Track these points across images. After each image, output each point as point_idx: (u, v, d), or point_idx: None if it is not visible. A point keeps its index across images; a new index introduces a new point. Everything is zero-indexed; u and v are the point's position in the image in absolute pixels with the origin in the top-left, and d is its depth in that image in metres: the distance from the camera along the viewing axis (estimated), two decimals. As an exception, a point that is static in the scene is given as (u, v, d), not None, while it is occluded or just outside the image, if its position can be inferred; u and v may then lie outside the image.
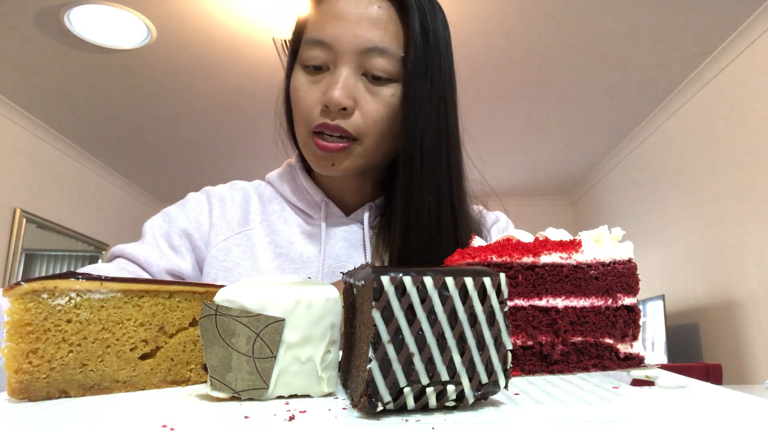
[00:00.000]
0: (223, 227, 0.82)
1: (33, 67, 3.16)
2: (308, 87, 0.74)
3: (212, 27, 2.80)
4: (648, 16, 2.68)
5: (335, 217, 0.82)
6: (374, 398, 0.31)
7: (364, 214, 0.82)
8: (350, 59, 0.71)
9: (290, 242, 0.81)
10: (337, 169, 0.75)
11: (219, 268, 0.79)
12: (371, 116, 0.72)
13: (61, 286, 0.39)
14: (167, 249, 0.79)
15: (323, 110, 0.72)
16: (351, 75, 0.72)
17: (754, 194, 2.83)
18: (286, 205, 0.85)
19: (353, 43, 0.71)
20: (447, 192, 0.74)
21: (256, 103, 3.65)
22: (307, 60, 0.74)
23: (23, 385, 0.38)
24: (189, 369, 0.45)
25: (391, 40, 0.72)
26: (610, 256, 0.48)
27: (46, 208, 4.11)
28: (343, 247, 0.81)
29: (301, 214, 0.84)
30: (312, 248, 0.80)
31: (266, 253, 0.80)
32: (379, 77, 0.72)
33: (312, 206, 0.83)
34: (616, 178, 4.60)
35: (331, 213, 0.82)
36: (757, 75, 2.78)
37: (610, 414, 0.31)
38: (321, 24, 0.73)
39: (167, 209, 0.85)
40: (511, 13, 2.67)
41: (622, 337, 0.48)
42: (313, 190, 0.83)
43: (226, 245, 0.81)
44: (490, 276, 0.34)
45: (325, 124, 0.72)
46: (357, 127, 0.72)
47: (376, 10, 0.72)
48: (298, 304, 0.38)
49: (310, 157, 0.77)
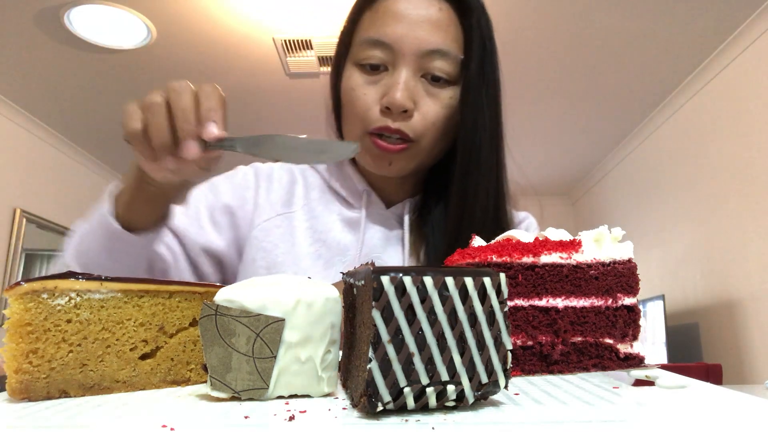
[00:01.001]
0: (266, 208, 0.83)
1: (33, 67, 3.16)
2: (365, 87, 0.74)
3: (212, 27, 2.80)
4: (648, 16, 2.68)
5: (376, 208, 0.83)
6: (374, 398, 0.31)
7: (404, 209, 0.83)
8: (411, 61, 0.71)
9: (329, 229, 0.82)
10: (393, 169, 0.76)
11: (258, 248, 0.80)
12: (430, 118, 0.73)
13: (61, 286, 0.39)
14: (207, 223, 0.80)
15: (383, 111, 0.72)
16: (411, 77, 0.72)
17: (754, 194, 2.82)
18: (328, 193, 0.86)
19: (414, 44, 0.71)
20: (496, 193, 0.76)
21: (256, 103, 3.65)
22: (364, 59, 0.73)
23: (23, 385, 0.38)
24: (189, 369, 0.45)
25: (452, 43, 0.73)
26: (610, 256, 0.48)
27: (46, 208, 4.11)
28: (380, 239, 0.81)
29: (343, 202, 0.85)
30: (350, 236, 0.81)
31: (305, 237, 0.81)
32: (438, 79, 0.73)
33: (354, 195, 0.84)
34: (616, 178, 4.60)
35: (372, 203, 0.83)
36: (757, 75, 2.78)
37: (610, 414, 0.31)
38: (380, 23, 0.73)
39: (214, 179, 0.85)
40: (511, 14, 2.67)
41: (622, 337, 0.48)
42: (357, 179, 0.83)
43: (267, 226, 0.82)
44: (490, 276, 0.34)
45: (387, 127, 0.72)
46: (416, 129, 0.73)
47: (436, 11, 0.72)
48: (298, 304, 0.38)
49: (365, 157, 0.77)
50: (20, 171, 3.83)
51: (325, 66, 3.18)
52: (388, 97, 0.71)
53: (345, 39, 0.79)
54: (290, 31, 2.85)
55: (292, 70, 3.20)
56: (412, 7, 0.72)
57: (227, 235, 0.81)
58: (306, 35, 2.88)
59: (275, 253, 0.79)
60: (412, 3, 0.72)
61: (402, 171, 0.77)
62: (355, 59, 0.75)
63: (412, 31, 0.71)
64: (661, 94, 3.50)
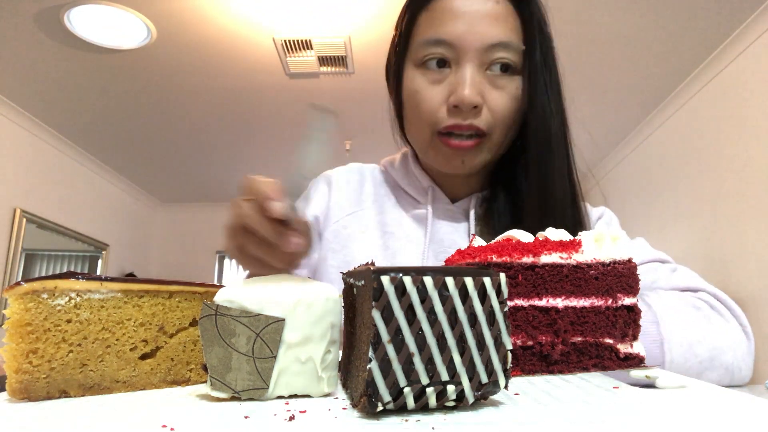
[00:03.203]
0: (336, 210, 0.86)
1: (33, 67, 3.16)
2: (429, 88, 0.73)
3: (212, 27, 2.80)
4: (648, 16, 2.68)
5: (441, 203, 0.84)
6: (374, 398, 0.31)
7: (471, 203, 0.83)
8: (474, 56, 0.71)
9: (398, 223, 0.83)
10: (466, 167, 0.76)
11: (328, 248, 0.82)
12: (500, 111, 0.73)
13: (61, 286, 0.39)
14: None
15: (451, 110, 0.72)
16: (476, 72, 0.71)
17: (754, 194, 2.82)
18: (397, 189, 0.88)
19: (477, 40, 0.70)
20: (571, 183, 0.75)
21: (256, 103, 3.65)
22: (426, 58, 0.73)
23: (23, 385, 0.38)
24: (189, 369, 0.45)
25: (512, 33, 0.72)
26: (610, 256, 0.48)
27: (46, 208, 4.11)
28: (447, 233, 0.82)
29: (410, 198, 0.86)
30: (418, 231, 0.82)
31: (374, 231, 0.83)
32: (503, 71, 0.72)
33: (420, 192, 0.85)
34: (616, 178, 4.60)
35: (438, 199, 0.84)
36: (757, 75, 2.78)
37: (610, 414, 0.31)
38: (438, 23, 0.72)
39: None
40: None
41: (622, 337, 0.48)
42: (421, 176, 0.84)
43: (335, 228, 0.84)
44: (490, 276, 0.34)
45: (457, 125, 0.72)
46: (488, 123, 0.72)
47: (494, 5, 0.72)
48: (298, 304, 0.38)
49: (436, 157, 0.76)
50: (20, 171, 3.82)
51: (325, 66, 3.18)
52: (456, 95, 0.70)
53: (402, 42, 0.78)
54: (290, 31, 2.85)
55: (292, 70, 3.20)
56: (469, 4, 0.71)
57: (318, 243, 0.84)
58: (306, 35, 2.88)
59: (344, 252, 0.81)
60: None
61: (475, 168, 0.77)
62: (415, 61, 0.75)
63: (473, 27, 0.70)
64: (661, 94, 3.50)
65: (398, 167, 0.89)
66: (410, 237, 0.82)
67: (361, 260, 0.79)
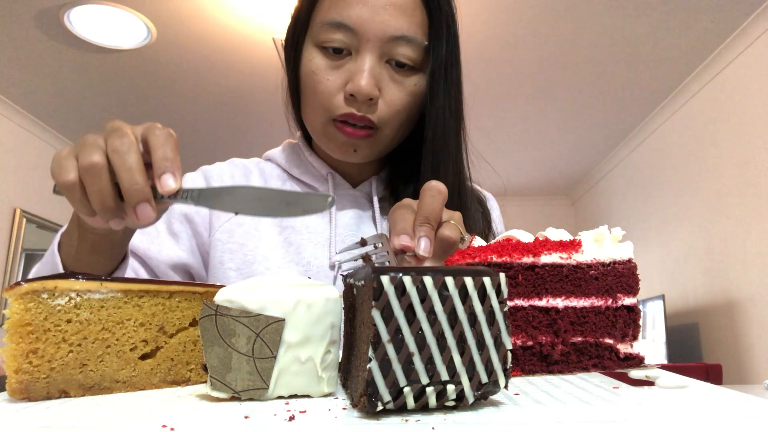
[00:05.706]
0: None
1: (33, 67, 3.16)
2: (328, 72, 0.71)
3: (212, 27, 2.80)
4: (648, 16, 2.68)
5: (342, 188, 0.83)
6: (374, 398, 0.31)
7: (371, 187, 0.83)
8: (375, 46, 0.70)
9: None
10: (358, 156, 0.75)
11: (224, 250, 0.78)
12: (395, 105, 0.72)
13: (61, 286, 0.39)
14: (166, 237, 0.78)
15: (348, 99, 0.71)
16: (376, 63, 0.70)
17: (754, 194, 2.82)
18: (289, 181, 0.85)
19: (379, 29, 0.69)
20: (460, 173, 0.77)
21: (256, 103, 3.65)
22: (326, 42, 0.71)
23: (23, 385, 0.38)
24: (189, 369, 0.45)
25: (417, 28, 0.71)
26: (610, 256, 0.48)
27: (46, 208, 4.11)
28: (352, 217, 0.81)
29: (305, 188, 0.84)
30: (320, 219, 0.80)
31: (271, 227, 0.79)
32: (403, 65, 0.72)
33: (318, 179, 0.83)
34: (616, 178, 4.60)
35: (338, 185, 0.83)
36: (757, 75, 2.78)
37: (610, 414, 0.31)
38: (342, 5, 0.70)
39: None
40: (511, 14, 2.67)
41: (622, 337, 0.48)
42: (318, 164, 0.83)
43: (228, 227, 0.79)
44: (490, 276, 0.34)
45: (352, 115, 0.71)
46: (381, 117, 0.72)
47: None
48: (298, 304, 0.38)
49: (329, 144, 0.75)
50: (20, 171, 3.82)
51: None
52: (353, 84, 0.69)
53: (303, 17, 0.76)
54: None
55: (292, 70, 3.20)
56: None
57: (188, 244, 0.79)
58: (306, 35, 2.88)
59: (243, 252, 0.77)
60: None
61: (366, 158, 0.76)
62: (315, 40, 0.73)
63: (377, 15, 0.69)
64: (661, 94, 3.50)
65: (288, 157, 0.86)
66: (311, 228, 0.79)
67: (262, 259, 0.76)
